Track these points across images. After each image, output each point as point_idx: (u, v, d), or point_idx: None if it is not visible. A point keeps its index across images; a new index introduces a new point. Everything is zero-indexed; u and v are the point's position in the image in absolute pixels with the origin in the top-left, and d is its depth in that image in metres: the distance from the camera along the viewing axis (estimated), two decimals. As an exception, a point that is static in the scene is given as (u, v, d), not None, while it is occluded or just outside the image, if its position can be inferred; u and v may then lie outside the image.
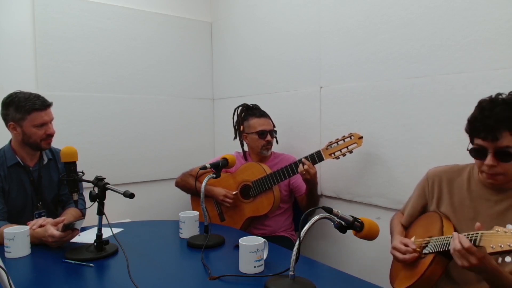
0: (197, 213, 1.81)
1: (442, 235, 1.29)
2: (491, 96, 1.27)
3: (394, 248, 1.40)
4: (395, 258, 1.40)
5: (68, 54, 2.52)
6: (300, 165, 2.00)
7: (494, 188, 1.30)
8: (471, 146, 1.28)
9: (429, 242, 1.32)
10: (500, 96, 1.25)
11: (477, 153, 1.25)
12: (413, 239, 1.41)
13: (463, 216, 1.36)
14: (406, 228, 1.56)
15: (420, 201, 1.53)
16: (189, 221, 1.76)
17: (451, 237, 1.18)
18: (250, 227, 2.25)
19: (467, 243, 1.10)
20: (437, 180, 1.47)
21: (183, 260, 1.57)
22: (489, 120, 1.19)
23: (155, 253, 1.59)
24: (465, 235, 1.14)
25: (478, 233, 1.10)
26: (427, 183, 1.50)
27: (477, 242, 1.09)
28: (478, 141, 1.24)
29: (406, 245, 1.36)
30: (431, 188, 1.49)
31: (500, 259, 1.01)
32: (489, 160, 1.21)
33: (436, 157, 1.74)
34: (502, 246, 1.00)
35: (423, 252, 1.32)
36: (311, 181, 2.03)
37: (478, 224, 1.14)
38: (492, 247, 1.03)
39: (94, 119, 2.64)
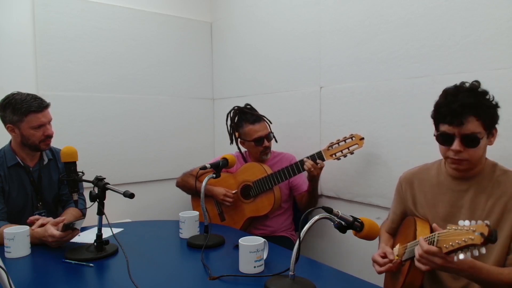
0: (197, 213, 1.81)
1: (416, 239, 1.29)
2: (456, 84, 1.27)
3: (373, 261, 1.39)
4: (375, 271, 1.39)
5: (68, 54, 2.52)
6: (306, 163, 1.97)
7: (460, 178, 1.32)
8: (436, 133, 1.28)
9: (406, 248, 1.32)
10: (465, 84, 1.26)
11: (444, 139, 1.25)
12: (397, 246, 1.41)
13: (439, 212, 1.37)
14: (394, 236, 1.57)
15: (399, 207, 1.55)
16: (189, 221, 1.76)
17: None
18: (250, 227, 2.25)
19: (425, 246, 1.10)
20: (409, 183, 1.49)
21: (183, 260, 1.57)
22: (454, 105, 1.20)
23: (155, 253, 1.59)
24: (425, 238, 1.14)
25: (434, 235, 1.11)
26: (401, 188, 1.52)
27: (434, 243, 1.09)
28: (444, 127, 1.24)
29: (385, 255, 1.36)
30: (405, 192, 1.50)
31: (455, 258, 1.00)
32: (455, 145, 1.21)
33: (436, 157, 1.73)
34: (453, 244, 1.00)
35: (403, 259, 1.32)
36: (316, 178, 2.02)
37: (434, 225, 1.15)
38: (446, 247, 1.03)
39: (94, 119, 2.64)
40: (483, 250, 0.95)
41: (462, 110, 1.18)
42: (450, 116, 1.21)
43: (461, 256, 0.98)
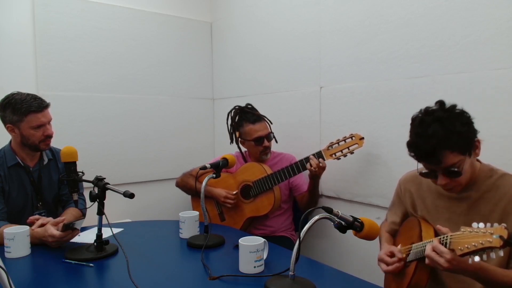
0: (197, 213, 1.81)
1: (422, 240, 1.30)
2: (421, 112, 1.26)
3: (379, 260, 1.39)
4: (381, 270, 1.38)
5: (68, 54, 2.52)
6: (311, 160, 1.98)
7: None
8: (420, 165, 1.29)
9: (411, 249, 1.32)
10: (429, 113, 1.23)
11: (429, 175, 1.28)
12: (399, 247, 1.40)
13: (439, 217, 1.37)
14: (394, 236, 1.57)
15: (399, 208, 1.55)
16: (189, 221, 1.76)
17: (428, 242, 1.19)
18: (250, 227, 2.25)
19: (434, 243, 1.11)
20: (407, 187, 1.50)
21: (183, 260, 1.57)
22: (426, 146, 1.19)
23: (155, 253, 1.59)
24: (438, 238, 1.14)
25: (447, 236, 1.11)
26: (400, 191, 1.53)
27: (447, 245, 1.09)
28: (424, 165, 1.26)
29: (392, 254, 1.36)
30: (404, 195, 1.51)
31: (470, 260, 1.00)
32: (440, 180, 1.24)
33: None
34: (469, 246, 1.00)
35: (407, 261, 1.32)
36: (317, 177, 2.03)
37: (438, 226, 1.16)
38: (460, 249, 1.03)
39: (94, 119, 2.64)
40: (501, 253, 0.95)
41: (433, 150, 1.18)
42: (426, 158, 1.22)
43: (477, 258, 0.98)
